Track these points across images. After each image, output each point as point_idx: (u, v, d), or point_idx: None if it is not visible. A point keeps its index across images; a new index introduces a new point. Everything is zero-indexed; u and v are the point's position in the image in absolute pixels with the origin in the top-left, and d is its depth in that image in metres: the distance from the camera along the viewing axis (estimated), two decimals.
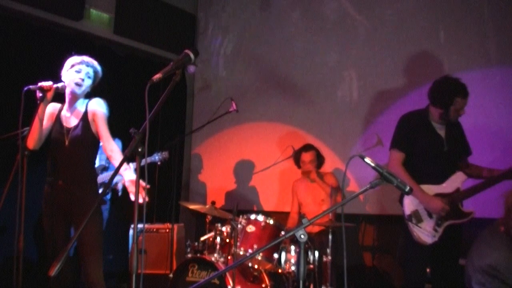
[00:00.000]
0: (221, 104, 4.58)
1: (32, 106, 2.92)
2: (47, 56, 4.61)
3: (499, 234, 2.53)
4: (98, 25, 5.30)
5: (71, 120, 3.14)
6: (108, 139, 3.09)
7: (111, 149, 3.06)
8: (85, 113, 3.14)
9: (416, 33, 4.78)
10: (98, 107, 3.17)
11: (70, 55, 3.19)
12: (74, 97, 3.14)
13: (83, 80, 3.10)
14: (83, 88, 3.13)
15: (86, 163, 3.13)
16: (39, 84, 2.92)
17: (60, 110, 3.19)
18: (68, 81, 3.09)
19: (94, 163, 3.23)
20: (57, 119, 3.15)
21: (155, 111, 1.95)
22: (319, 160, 4.54)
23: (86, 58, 3.17)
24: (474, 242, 2.64)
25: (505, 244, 2.47)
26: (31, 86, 2.87)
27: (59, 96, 3.12)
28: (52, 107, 3.16)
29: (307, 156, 4.50)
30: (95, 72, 3.19)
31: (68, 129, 3.10)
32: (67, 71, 3.13)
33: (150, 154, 4.19)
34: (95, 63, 3.20)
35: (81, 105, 3.17)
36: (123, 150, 4.32)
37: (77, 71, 3.10)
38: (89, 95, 3.24)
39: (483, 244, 2.57)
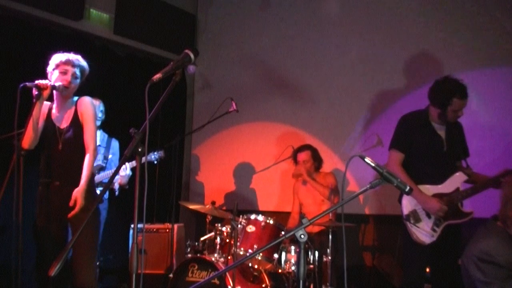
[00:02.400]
0: (221, 104, 4.58)
1: (27, 105, 2.89)
2: (47, 56, 4.60)
3: (494, 226, 2.59)
4: (98, 25, 5.30)
5: (62, 121, 3.10)
6: (89, 145, 3.04)
7: (88, 157, 3.01)
8: (75, 114, 3.10)
9: (417, 33, 4.77)
10: (87, 108, 3.10)
11: (56, 52, 3.10)
12: (63, 97, 3.10)
13: (70, 82, 3.03)
14: (70, 89, 3.06)
15: (81, 164, 3.05)
16: (36, 82, 2.88)
17: (50, 109, 3.14)
18: (54, 82, 3.01)
19: None
20: (48, 118, 3.11)
21: (155, 111, 1.95)
22: (316, 160, 4.52)
23: (71, 57, 3.07)
24: (471, 239, 2.69)
25: (496, 233, 2.55)
26: (27, 83, 2.84)
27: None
28: (43, 106, 3.07)
29: (301, 156, 4.50)
30: (82, 70, 3.11)
31: (61, 131, 3.07)
32: (52, 71, 3.05)
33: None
34: (81, 60, 3.11)
35: (70, 105, 3.12)
36: (123, 150, 4.34)
37: (63, 72, 3.03)
38: (80, 93, 3.20)
39: (477, 236, 2.64)
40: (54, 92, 3.07)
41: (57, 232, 3.06)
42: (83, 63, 3.13)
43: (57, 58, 3.07)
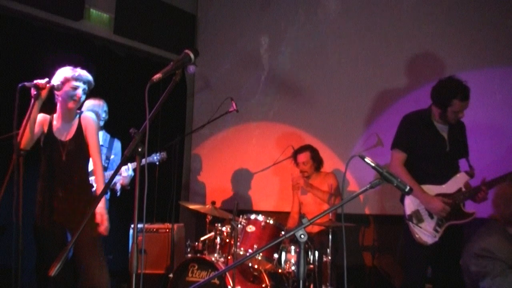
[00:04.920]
0: (221, 104, 4.58)
1: (27, 105, 2.89)
2: (47, 56, 4.61)
3: (494, 226, 2.61)
4: (98, 25, 5.30)
5: (65, 133, 3.12)
6: (96, 161, 3.11)
7: (98, 172, 3.10)
8: (79, 127, 3.13)
9: (417, 33, 4.77)
10: (90, 124, 3.16)
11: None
12: (67, 110, 3.11)
13: (80, 98, 3.09)
14: (78, 103, 3.12)
15: (83, 173, 3.15)
16: (35, 81, 2.88)
17: (51, 121, 3.14)
18: (63, 96, 3.04)
19: (88, 170, 3.25)
20: (49, 131, 3.11)
21: (155, 111, 1.95)
22: (316, 161, 4.52)
23: (82, 72, 3.09)
24: (470, 240, 2.70)
25: (496, 231, 2.57)
26: (26, 83, 2.84)
27: (50, 105, 3.08)
28: (42, 117, 3.09)
29: (301, 157, 4.50)
30: (90, 85, 3.16)
31: (64, 143, 3.09)
32: (61, 83, 3.02)
33: (149, 154, 4.17)
34: (88, 75, 3.14)
35: (73, 118, 3.16)
36: (123, 150, 4.34)
37: (74, 88, 3.04)
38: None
39: (477, 235, 2.65)
40: (58, 104, 3.11)
41: (58, 233, 3.09)
42: (90, 78, 3.17)
43: (67, 72, 3.06)
